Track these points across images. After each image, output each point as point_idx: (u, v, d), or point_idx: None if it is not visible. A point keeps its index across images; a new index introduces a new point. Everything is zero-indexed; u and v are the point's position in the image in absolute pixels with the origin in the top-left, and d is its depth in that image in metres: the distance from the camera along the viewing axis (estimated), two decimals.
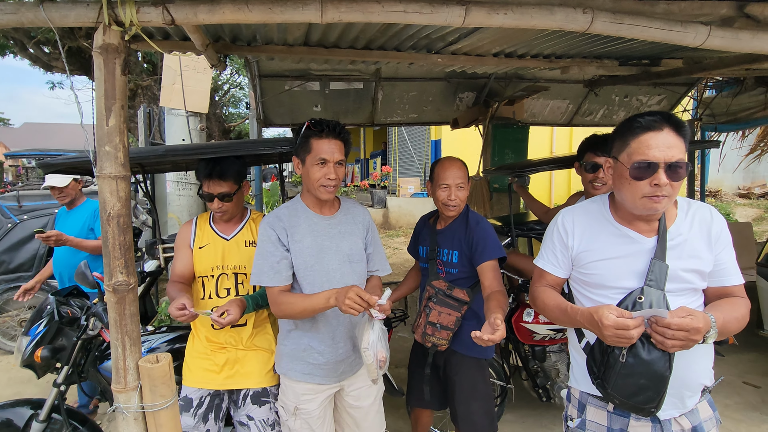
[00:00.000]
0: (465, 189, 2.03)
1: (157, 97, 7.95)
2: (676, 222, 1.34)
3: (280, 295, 1.68)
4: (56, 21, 1.24)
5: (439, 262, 2.08)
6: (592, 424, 1.43)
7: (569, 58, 2.66)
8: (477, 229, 1.99)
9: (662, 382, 1.23)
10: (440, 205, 2.05)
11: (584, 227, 1.43)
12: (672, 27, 1.57)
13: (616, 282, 1.35)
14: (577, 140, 8.34)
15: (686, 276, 1.31)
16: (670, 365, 1.22)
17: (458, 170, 2.02)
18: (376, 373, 1.58)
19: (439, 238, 2.10)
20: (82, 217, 3.24)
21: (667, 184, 1.22)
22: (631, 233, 1.35)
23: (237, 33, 2.26)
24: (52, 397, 2.09)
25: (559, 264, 1.48)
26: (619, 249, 1.35)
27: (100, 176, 1.33)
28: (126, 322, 1.41)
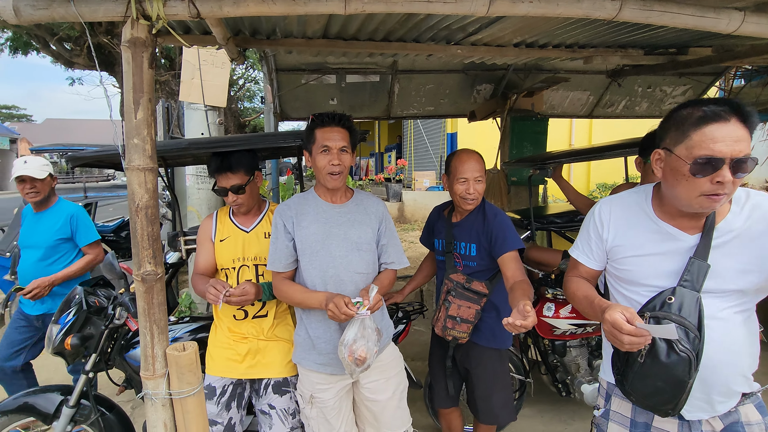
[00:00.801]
0: (483, 182, 2.02)
1: (175, 92, 8.07)
2: (728, 217, 1.22)
3: (281, 282, 1.81)
4: (86, 16, 1.26)
5: (456, 255, 2.08)
6: (616, 414, 1.42)
7: (592, 47, 2.60)
8: (495, 221, 1.98)
9: (680, 387, 1.17)
10: (458, 198, 2.04)
11: (621, 220, 1.36)
12: (704, 13, 1.52)
13: (648, 279, 1.29)
14: (597, 132, 8.25)
15: (732, 277, 1.21)
16: (690, 371, 1.15)
17: (476, 163, 2.00)
18: (350, 369, 1.62)
19: (456, 231, 2.09)
20: (55, 222, 2.74)
21: (730, 182, 1.10)
22: (671, 230, 1.26)
23: (257, 26, 2.27)
24: (81, 384, 2.16)
25: (593, 256, 1.43)
26: (655, 246, 1.28)
27: (128, 168, 1.36)
28: (154, 311, 1.44)
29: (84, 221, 2.83)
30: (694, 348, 1.15)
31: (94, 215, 5.68)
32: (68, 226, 2.74)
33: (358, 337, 1.60)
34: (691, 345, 1.15)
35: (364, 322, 1.60)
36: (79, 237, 2.81)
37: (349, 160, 1.78)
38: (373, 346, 1.62)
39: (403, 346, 2.46)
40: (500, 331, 2.07)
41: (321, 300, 1.68)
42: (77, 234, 2.80)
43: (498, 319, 2.05)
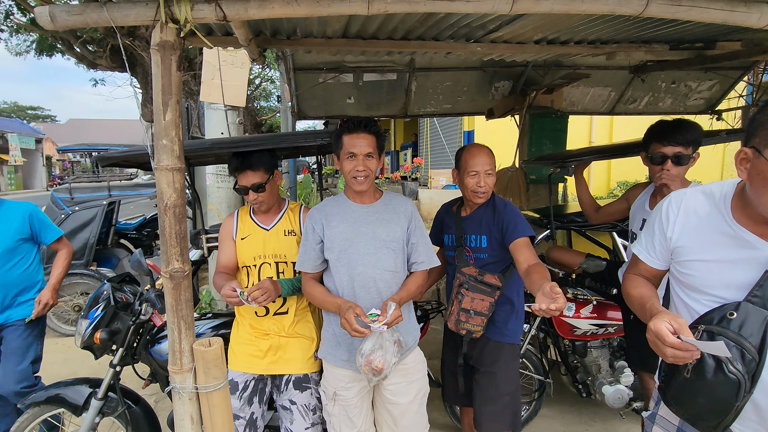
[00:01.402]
0: (493, 175, 2.03)
1: (194, 92, 8.20)
2: None
3: (307, 282, 1.89)
4: (118, 20, 1.30)
5: (467, 249, 2.07)
6: (662, 419, 1.34)
7: (615, 43, 2.54)
8: (506, 210, 2.00)
9: (724, 409, 1.06)
10: (468, 192, 2.04)
11: (690, 217, 1.22)
12: (734, 7, 1.48)
13: (711, 288, 1.16)
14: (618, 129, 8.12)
15: None
16: (738, 394, 1.04)
17: (486, 156, 2.01)
18: (367, 378, 1.66)
19: (465, 224, 2.09)
20: (9, 222, 2.50)
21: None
22: (749, 236, 1.12)
23: (278, 27, 2.29)
24: (108, 377, 2.23)
25: (655, 254, 1.31)
26: (726, 252, 1.14)
27: (157, 168, 1.39)
28: (181, 307, 1.48)
29: (44, 218, 2.67)
30: (748, 371, 1.04)
31: (118, 213, 5.83)
32: (27, 225, 2.55)
33: (376, 348, 1.62)
34: (745, 367, 1.04)
35: (382, 335, 1.63)
36: (44, 235, 2.64)
37: (375, 165, 1.83)
38: (392, 357, 1.64)
39: (421, 344, 2.46)
40: (513, 325, 2.08)
41: (337, 306, 1.72)
42: (42, 232, 2.63)
43: (512, 312, 2.06)
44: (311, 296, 1.88)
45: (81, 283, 4.78)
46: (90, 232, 4.91)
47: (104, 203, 5.07)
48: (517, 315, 2.09)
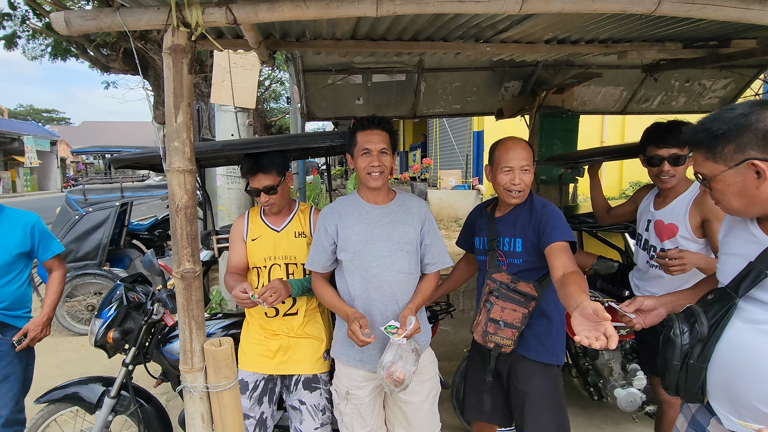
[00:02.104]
0: (530, 172, 1.82)
1: (205, 94, 8.29)
2: None
3: (317, 281, 1.90)
4: (131, 25, 1.32)
5: (499, 253, 1.87)
6: (686, 407, 1.41)
7: (627, 42, 2.52)
8: (545, 210, 1.80)
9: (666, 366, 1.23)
10: (502, 190, 1.85)
11: (732, 218, 1.31)
12: (749, 5, 1.46)
13: (724, 278, 1.25)
14: (630, 129, 8.05)
15: None
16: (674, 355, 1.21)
17: (523, 151, 1.81)
18: (389, 389, 1.66)
19: (499, 226, 1.90)
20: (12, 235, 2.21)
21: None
22: (755, 231, 1.20)
23: (287, 29, 2.31)
24: (121, 376, 2.26)
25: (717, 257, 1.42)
26: (739, 245, 1.24)
27: (169, 170, 1.41)
28: (192, 307, 1.50)
29: (46, 231, 2.36)
30: (692, 339, 1.19)
31: (130, 214, 5.91)
32: (28, 238, 2.25)
33: (396, 359, 1.64)
34: (690, 337, 1.20)
35: (401, 346, 1.65)
36: (43, 250, 2.31)
37: (390, 161, 1.84)
38: (411, 366, 1.65)
39: (431, 345, 2.46)
40: (552, 343, 1.83)
41: (345, 315, 1.76)
42: (41, 246, 2.31)
43: (549, 328, 1.83)
44: (321, 297, 1.89)
45: (94, 283, 4.86)
46: (103, 233, 4.99)
47: (117, 204, 5.14)
48: (556, 331, 1.85)
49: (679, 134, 1.95)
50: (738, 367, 1.15)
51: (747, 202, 1.14)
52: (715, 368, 1.20)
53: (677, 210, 2.03)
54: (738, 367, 1.15)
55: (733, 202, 1.16)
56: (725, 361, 1.17)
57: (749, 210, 1.17)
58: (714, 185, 1.15)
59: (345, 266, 1.83)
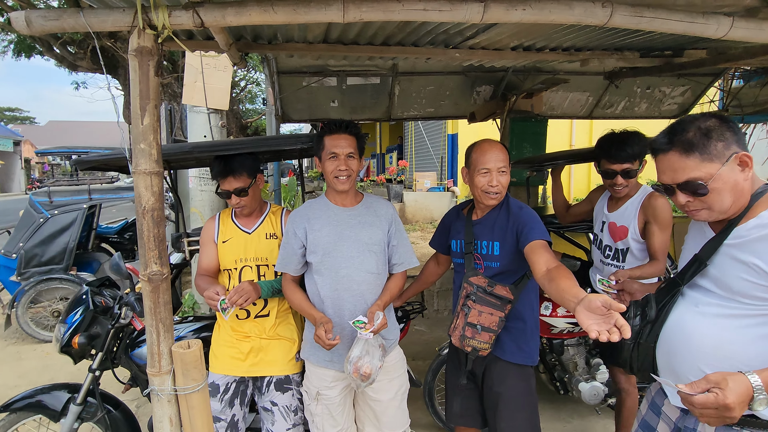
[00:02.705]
0: (507, 173, 1.84)
1: (178, 95, 8.14)
2: (752, 220, 1.19)
3: (287, 284, 1.91)
4: (95, 26, 1.31)
5: (477, 256, 1.89)
6: (648, 391, 1.52)
7: (589, 50, 2.63)
8: (522, 212, 1.83)
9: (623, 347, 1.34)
10: (479, 192, 1.86)
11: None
12: (694, 19, 1.56)
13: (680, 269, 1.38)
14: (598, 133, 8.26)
15: (734, 284, 1.18)
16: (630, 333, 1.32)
17: (500, 152, 1.83)
18: (356, 384, 1.71)
19: (477, 230, 1.91)
20: None
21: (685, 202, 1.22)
22: (704, 227, 1.32)
23: (258, 32, 2.31)
24: (87, 382, 2.21)
25: None
26: (692, 240, 1.37)
27: (135, 172, 1.41)
28: (160, 310, 1.49)
29: None
30: (641, 324, 1.32)
31: (99, 217, 5.74)
32: None
33: (363, 354, 1.67)
34: (641, 320, 1.32)
35: (368, 342, 1.68)
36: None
37: (357, 165, 1.87)
38: (378, 361, 1.69)
39: (404, 345, 2.49)
40: (526, 345, 1.88)
41: (313, 319, 1.82)
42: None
43: (524, 330, 1.87)
44: (290, 300, 1.92)
45: (60, 288, 4.71)
46: (70, 236, 4.84)
47: (84, 207, 5.00)
48: (530, 333, 1.89)
49: (630, 149, 2.08)
50: (677, 345, 1.27)
51: (737, 197, 1.19)
52: (661, 348, 1.31)
53: (627, 213, 2.17)
54: (677, 345, 1.27)
55: (727, 200, 1.18)
56: (669, 340, 1.29)
57: (736, 206, 1.20)
58: (713, 186, 1.16)
59: (314, 268, 1.86)
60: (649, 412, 1.45)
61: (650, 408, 1.46)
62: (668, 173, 1.22)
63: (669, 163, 1.21)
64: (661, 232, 2.07)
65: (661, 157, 1.23)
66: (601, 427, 2.93)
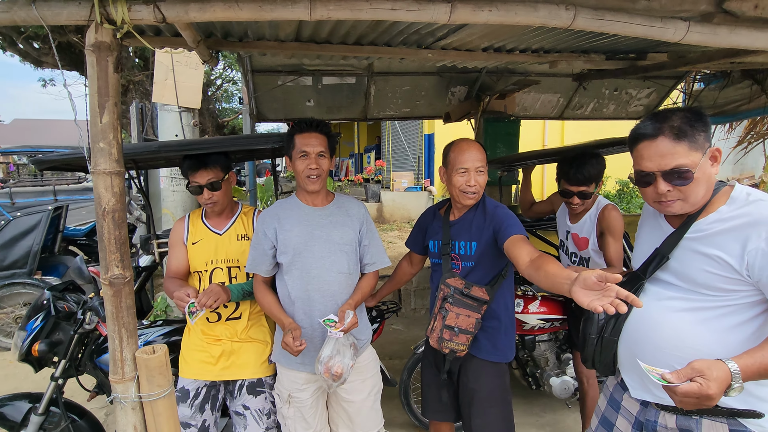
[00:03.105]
0: (485, 173, 1.85)
1: (149, 93, 7.92)
2: (710, 216, 1.22)
3: (258, 285, 1.89)
4: (48, 19, 1.26)
5: (454, 257, 1.90)
6: (605, 387, 1.55)
7: (557, 52, 2.69)
8: (497, 211, 1.85)
9: (585, 340, 1.38)
10: (457, 192, 1.86)
11: (645, 215, 1.48)
12: (652, 23, 1.61)
13: (635, 262, 1.43)
14: (569, 133, 8.49)
15: (698, 276, 1.21)
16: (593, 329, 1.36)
17: (477, 152, 1.83)
18: (327, 384, 1.70)
19: (454, 230, 1.92)
20: None
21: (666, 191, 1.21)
22: (660, 221, 1.36)
23: (229, 29, 2.27)
24: (50, 391, 2.13)
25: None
26: (648, 234, 1.40)
27: (94, 172, 1.36)
28: (122, 315, 1.45)
29: None
30: (606, 315, 1.34)
31: (65, 219, 5.54)
32: None
33: (334, 354, 1.66)
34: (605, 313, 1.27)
35: (338, 341, 1.67)
36: None
37: (328, 164, 1.85)
38: (349, 361, 1.68)
39: (380, 344, 2.50)
40: (501, 343, 1.90)
41: (282, 325, 1.80)
42: None
43: (499, 328, 1.89)
44: (260, 303, 1.90)
45: (24, 293, 4.52)
46: (33, 240, 4.66)
47: (49, 208, 4.81)
48: (505, 331, 1.91)
49: (586, 172, 2.26)
50: (642, 338, 1.30)
51: (707, 190, 1.22)
52: (624, 342, 1.34)
53: (587, 225, 2.37)
54: (642, 338, 1.30)
55: (701, 192, 1.21)
56: (632, 333, 1.32)
57: (704, 200, 1.23)
58: (696, 175, 1.18)
59: (285, 269, 1.84)
60: (608, 408, 1.48)
61: (609, 404, 1.48)
62: (655, 159, 1.20)
63: (657, 149, 1.20)
64: (615, 241, 2.23)
65: (647, 144, 1.22)
66: (572, 420, 3.00)
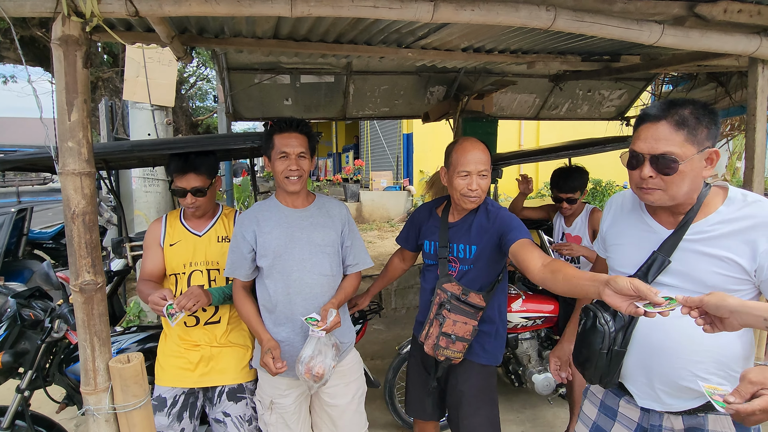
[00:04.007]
0: (488, 177, 1.77)
1: (119, 90, 7.65)
2: (712, 216, 1.22)
3: (237, 291, 1.84)
4: (10, 11, 1.18)
5: (452, 259, 1.86)
6: (591, 395, 1.51)
7: (535, 53, 2.73)
8: (500, 213, 1.79)
9: (593, 355, 1.29)
10: (458, 195, 1.78)
11: (617, 210, 1.44)
12: (629, 25, 1.65)
13: (620, 266, 1.36)
14: (544, 133, 8.66)
15: (708, 278, 1.20)
16: (603, 342, 1.26)
17: (481, 154, 1.74)
18: (308, 385, 1.66)
19: (452, 233, 1.86)
20: None
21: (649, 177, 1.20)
22: (650, 221, 1.32)
23: (204, 25, 2.20)
24: (15, 404, 2.02)
25: (599, 245, 1.53)
26: (633, 235, 1.34)
27: (62, 173, 1.29)
28: (94, 323, 1.38)
29: None
30: (617, 327, 1.27)
31: (30, 221, 5.29)
32: None
33: (315, 354, 1.63)
34: (615, 324, 1.26)
35: (320, 340, 1.64)
36: None
37: (308, 165, 1.81)
38: (331, 361, 1.65)
39: (362, 345, 2.48)
40: (492, 347, 1.89)
41: (261, 342, 1.76)
42: None
43: (491, 333, 1.88)
44: (239, 311, 1.84)
45: None
46: None
47: (13, 210, 4.58)
48: (496, 335, 1.90)
49: (572, 183, 2.68)
50: (657, 346, 1.25)
51: (692, 189, 1.21)
52: (633, 351, 1.29)
53: (579, 226, 2.79)
54: (657, 346, 1.25)
55: (684, 188, 1.20)
56: (643, 343, 1.27)
57: (687, 197, 1.23)
58: (683, 168, 1.17)
59: (265, 272, 1.79)
60: (601, 416, 1.44)
61: (602, 412, 1.44)
62: (650, 141, 1.20)
63: (655, 132, 1.19)
64: None
65: (649, 125, 1.21)
66: (552, 415, 3.05)
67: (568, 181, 2.69)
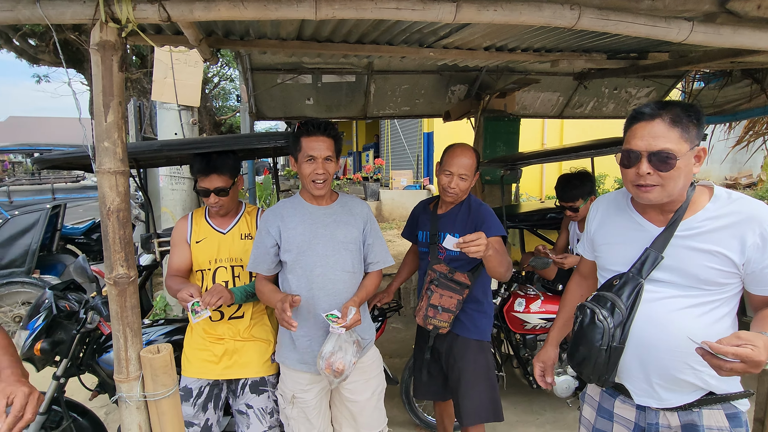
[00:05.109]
0: (468, 180, 2.05)
1: (147, 91, 7.89)
2: (701, 212, 1.26)
3: (259, 282, 1.89)
4: (53, 18, 1.25)
5: (440, 247, 2.12)
6: (589, 398, 1.52)
7: (558, 51, 2.69)
8: (480, 209, 2.09)
9: (591, 352, 1.29)
10: (441, 189, 2.12)
11: (605, 211, 1.47)
12: (656, 23, 1.62)
13: (611, 265, 1.39)
14: (568, 132, 8.54)
15: (701, 273, 1.24)
16: (602, 339, 1.27)
17: (466, 159, 2.04)
18: (329, 380, 1.69)
19: (440, 223, 2.15)
20: None
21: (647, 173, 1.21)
22: (640, 220, 1.35)
23: (230, 27, 2.26)
24: (51, 390, 2.12)
25: (587, 247, 1.55)
26: (624, 234, 1.37)
27: (99, 171, 1.35)
28: (127, 314, 1.44)
29: None
30: (615, 323, 1.28)
31: (63, 217, 5.52)
32: None
33: (336, 350, 1.66)
34: (613, 320, 1.28)
35: (341, 337, 1.67)
36: None
37: (334, 168, 1.84)
38: (351, 357, 1.68)
39: (381, 343, 2.50)
40: (481, 323, 2.13)
41: (276, 299, 1.72)
42: None
43: (479, 310, 2.13)
44: (260, 292, 1.87)
45: (22, 292, 4.50)
46: (32, 238, 4.64)
47: (48, 207, 4.79)
48: (485, 313, 2.15)
49: (575, 191, 2.63)
50: (653, 341, 1.28)
51: (685, 185, 1.25)
52: (630, 348, 1.30)
53: None
54: (653, 341, 1.28)
55: (680, 184, 1.23)
56: (640, 338, 1.29)
57: (680, 194, 1.26)
58: (679, 164, 1.20)
59: (289, 267, 1.83)
60: (600, 420, 1.45)
61: (600, 415, 1.46)
62: (646, 139, 1.22)
63: (650, 129, 1.22)
64: None
65: (644, 124, 1.24)
66: (572, 418, 3.01)
67: (569, 189, 2.68)
